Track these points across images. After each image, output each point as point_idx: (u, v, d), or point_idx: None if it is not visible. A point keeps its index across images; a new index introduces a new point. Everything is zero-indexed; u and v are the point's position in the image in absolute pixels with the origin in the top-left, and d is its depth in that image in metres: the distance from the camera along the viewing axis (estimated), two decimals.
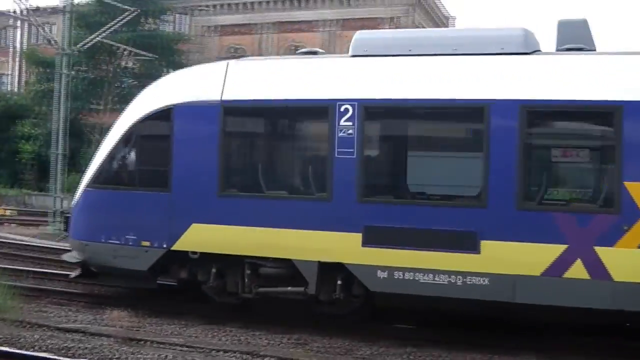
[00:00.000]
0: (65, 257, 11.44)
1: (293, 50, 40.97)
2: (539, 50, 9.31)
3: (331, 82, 9.58)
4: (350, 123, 9.24)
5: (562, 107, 8.77)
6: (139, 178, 10.50)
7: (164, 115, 10.16)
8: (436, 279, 8.89)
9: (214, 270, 9.95)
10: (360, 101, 9.24)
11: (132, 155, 10.65)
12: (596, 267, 8.39)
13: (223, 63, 10.35)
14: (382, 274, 9.06)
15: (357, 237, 9.12)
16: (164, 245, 9.96)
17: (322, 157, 9.65)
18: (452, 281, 8.83)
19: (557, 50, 9.30)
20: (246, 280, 9.83)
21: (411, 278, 8.97)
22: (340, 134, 9.27)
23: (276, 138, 10.87)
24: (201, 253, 9.86)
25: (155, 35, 41.95)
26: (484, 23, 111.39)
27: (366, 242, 9.10)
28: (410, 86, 9.18)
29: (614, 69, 8.74)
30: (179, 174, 9.97)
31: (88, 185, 10.68)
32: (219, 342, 8.86)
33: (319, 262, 9.34)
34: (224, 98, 9.87)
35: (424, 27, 46.07)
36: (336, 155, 9.30)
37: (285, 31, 46.75)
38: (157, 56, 37.49)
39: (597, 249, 8.39)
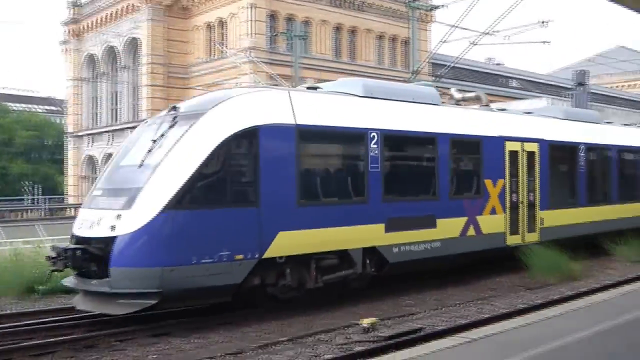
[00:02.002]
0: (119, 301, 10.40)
1: None
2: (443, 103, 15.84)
3: (364, 115, 13.14)
4: (376, 146, 13.11)
5: (462, 138, 15.04)
6: (229, 196, 11.02)
7: (249, 134, 11.14)
8: (419, 247, 13.77)
9: (288, 270, 11.56)
10: (381, 130, 13.20)
11: (221, 174, 10.99)
12: (477, 228, 15.09)
13: (282, 91, 12.57)
14: (395, 250, 13.24)
15: (382, 226, 12.98)
16: (256, 256, 10.96)
17: (361, 171, 12.91)
18: (427, 247, 13.94)
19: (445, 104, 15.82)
20: (314, 273, 11.96)
21: (409, 249, 13.56)
22: (371, 154, 12.99)
23: (338, 155, 13.34)
24: (287, 257, 11.46)
25: None
26: None
27: (387, 229, 13.06)
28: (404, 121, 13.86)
29: (477, 117, 16.13)
30: (266, 189, 11.14)
31: (169, 207, 10.31)
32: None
33: (362, 248, 12.61)
34: (298, 122, 11.77)
35: None
36: (369, 169, 12.88)
37: None
38: None
39: (476, 217, 15.13)
